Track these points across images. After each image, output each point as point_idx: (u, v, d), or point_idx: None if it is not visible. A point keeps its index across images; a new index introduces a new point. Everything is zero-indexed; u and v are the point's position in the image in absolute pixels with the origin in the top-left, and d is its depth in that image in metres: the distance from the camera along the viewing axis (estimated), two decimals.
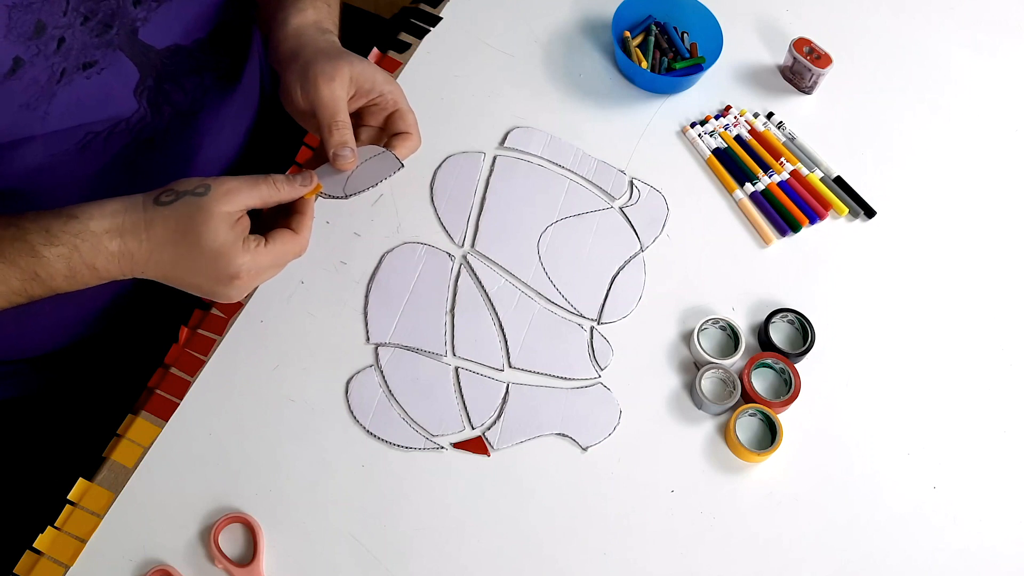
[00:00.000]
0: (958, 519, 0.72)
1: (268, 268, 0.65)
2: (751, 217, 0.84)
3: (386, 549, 0.69)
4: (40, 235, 0.60)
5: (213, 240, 0.61)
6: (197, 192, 0.62)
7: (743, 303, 0.80)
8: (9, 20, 0.58)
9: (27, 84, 0.61)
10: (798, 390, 0.74)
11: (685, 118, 0.90)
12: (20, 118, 0.63)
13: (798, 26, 0.96)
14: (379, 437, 0.73)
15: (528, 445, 0.73)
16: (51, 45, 0.62)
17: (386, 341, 0.76)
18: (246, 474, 0.71)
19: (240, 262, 0.62)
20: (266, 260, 0.64)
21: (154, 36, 0.70)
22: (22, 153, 0.65)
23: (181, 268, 0.63)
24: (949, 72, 0.94)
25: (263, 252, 0.64)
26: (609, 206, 0.84)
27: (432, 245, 0.81)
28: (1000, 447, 0.75)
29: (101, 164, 0.71)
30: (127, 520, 0.69)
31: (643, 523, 0.71)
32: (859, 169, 0.87)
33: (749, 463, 0.73)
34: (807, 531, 0.71)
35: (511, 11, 0.95)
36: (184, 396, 0.73)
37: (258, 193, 0.64)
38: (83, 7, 0.63)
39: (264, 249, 0.64)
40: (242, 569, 0.67)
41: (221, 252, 0.62)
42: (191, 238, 0.61)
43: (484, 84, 0.90)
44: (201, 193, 0.62)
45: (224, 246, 0.61)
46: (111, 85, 0.68)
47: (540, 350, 0.77)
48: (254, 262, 0.63)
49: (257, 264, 0.63)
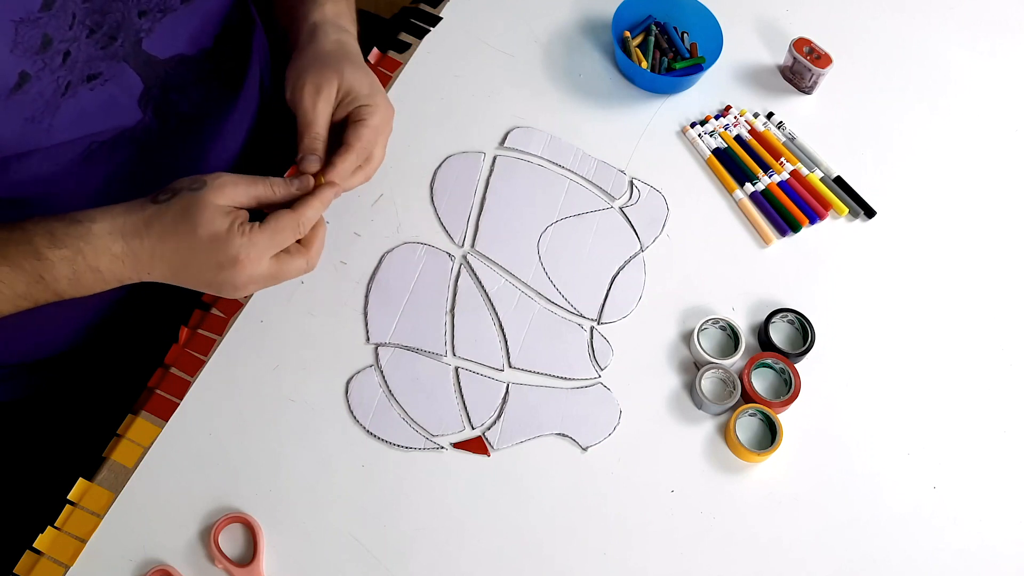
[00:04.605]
0: (958, 519, 0.72)
1: (266, 250, 0.64)
2: (751, 217, 0.84)
3: (386, 549, 0.69)
4: (44, 238, 0.61)
5: (208, 227, 0.62)
6: (193, 188, 0.63)
7: (743, 303, 0.80)
8: (16, 35, 0.58)
9: (33, 98, 0.62)
10: (798, 390, 0.74)
11: (685, 118, 0.90)
12: (25, 131, 0.63)
13: (798, 26, 0.96)
14: (379, 437, 0.73)
15: (528, 445, 0.73)
16: (57, 59, 0.62)
17: (386, 341, 0.76)
18: (246, 474, 0.71)
19: (237, 243, 0.62)
20: (262, 238, 0.63)
21: (158, 47, 0.70)
22: (27, 164, 0.66)
23: (183, 261, 0.63)
24: (949, 72, 0.94)
25: (258, 232, 0.63)
26: (609, 206, 0.84)
27: (432, 245, 0.81)
28: (1000, 447, 0.75)
29: (105, 173, 0.71)
30: (127, 520, 0.69)
31: (643, 523, 0.71)
32: (859, 169, 0.87)
33: (749, 463, 0.73)
34: (807, 531, 0.71)
35: (511, 11, 0.95)
36: (184, 396, 0.73)
37: (253, 190, 0.64)
38: (89, 20, 0.63)
39: (259, 230, 0.63)
40: (242, 569, 0.67)
41: (217, 237, 0.62)
42: (188, 228, 0.62)
43: (484, 84, 0.90)
44: (197, 188, 0.63)
45: (219, 232, 0.62)
46: (115, 96, 0.68)
47: (540, 350, 0.77)
48: (252, 242, 0.63)
49: (255, 244, 0.63)
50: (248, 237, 0.63)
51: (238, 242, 0.62)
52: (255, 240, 0.63)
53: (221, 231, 0.62)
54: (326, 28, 0.74)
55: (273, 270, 0.65)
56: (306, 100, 0.69)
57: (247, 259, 0.63)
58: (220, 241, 0.62)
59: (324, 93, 0.69)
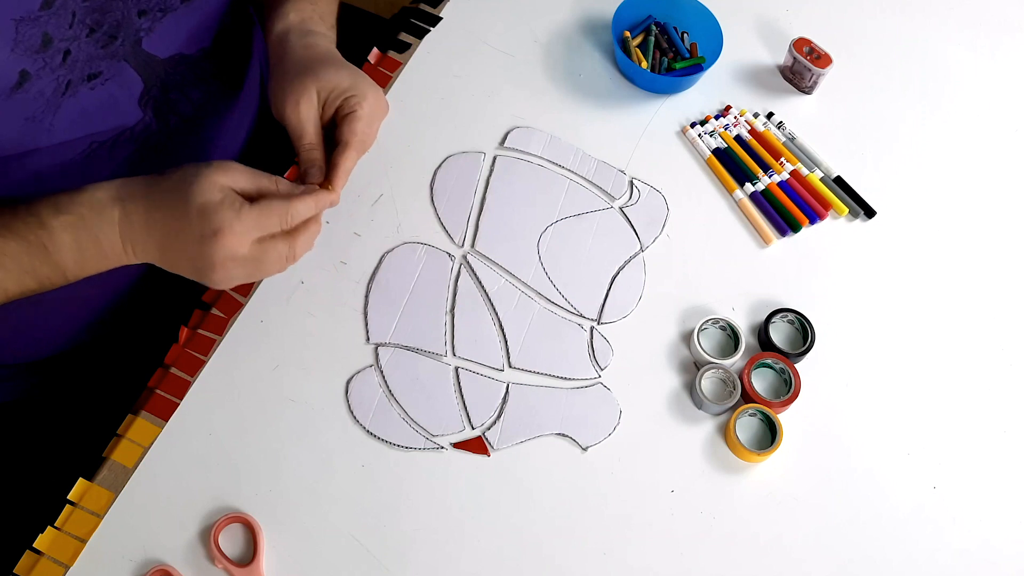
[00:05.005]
0: (958, 519, 0.72)
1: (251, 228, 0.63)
2: (751, 217, 0.84)
3: (386, 549, 0.69)
4: (49, 208, 0.62)
5: (200, 196, 0.62)
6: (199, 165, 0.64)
7: (743, 303, 0.80)
8: (16, 34, 0.58)
9: (33, 97, 0.62)
10: (798, 390, 0.74)
11: (685, 118, 0.90)
12: (26, 130, 0.63)
13: (798, 26, 0.96)
14: (379, 437, 0.73)
15: (528, 445, 0.73)
16: (57, 58, 0.62)
17: (386, 341, 0.76)
18: (246, 474, 0.71)
19: (223, 215, 0.61)
20: (249, 216, 0.62)
21: (158, 46, 0.70)
22: (27, 164, 0.66)
23: (171, 231, 0.63)
24: (949, 72, 0.94)
25: (246, 210, 0.62)
26: (609, 206, 0.84)
27: (432, 245, 0.81)
28: (1000, 447, 0.75)
29: (106, 173, 0.71)
30: (127, 520, 0.69)
31: (643, 523, 0.71)
32: (859, 169, 0.87)
33: (749, 463, 0.73)
34: (807, 531, 0.71)
35: (511, 11, 0.95)
36: (184, 396, 0.73)
37: (257, 180, 0.65)
38: (89, 19, 0.63)
39: (248, 209, 0.62)
40: (242, 569, 0.67)
41: (206, 207, 0.62)
42: (181, 196, 0.62)
43: (484, 84, 0.90)
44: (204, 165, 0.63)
45: (209, 202, 0.62)
46: (116, 96, 0.68)
47: (540, 350, 0.77)
48: (236, 217, 0.62)
49: (240, 220, 0.62)
50: (235, 212, 0.62)
51: (224, 214, 0.62)
52: (242, 216, 0.62)
53: (211, 202, 0.62)
54: (291, 37, 0.74)
55: (255, 252, 0.64)
56: (290, 114, 0.70)
57: (230, 232, 0.61)
58: (208, 211, 0.61)
59: (304, 102, 0.70)
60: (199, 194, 0.62)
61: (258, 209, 0.63)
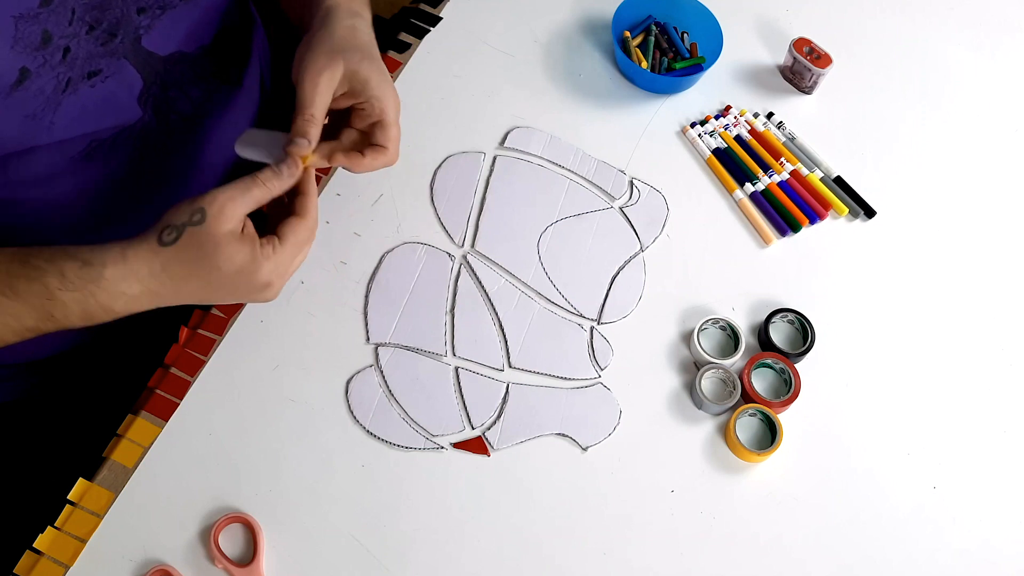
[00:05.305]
0: (958, 519, 0.72)
1: (293, 259, 0.65)
2: (751, 217, 0.84)
3: (386, 549, 0.69)
4: (56, 278, 0.60)
5: (230, 263, 0.61)
6: (194, 221, 0.60)
7: (743, 303, 0.80)
8: (16, 31, 0.58)
9: (33, 94, 0.61)
10: (798, 390, 0.74)
11: (685, 118, 0.90)
12: (26, 128, 0.63)
13: (798, 26, 0.96)
14: (379, 437, 0.73)
15: (528, 445, 0.73)
16: (57, 55, 0.62)
17: (386, 341, 0.76)
18: (246, 474, 0.71)
19: (265, 270, 0.62)
20: (287, 256, 0.64)
21: (157, 43, 0.70)
22: (28, 162, 0.66)
23: (212, 291, 0.63)
24: (949, 72, 0.94)
25: (281, 251, 0.63)
26: (609, 206, 0.84)
27: (432, 245, 0.81)
28: (1000, 447, 0.75)
29: (106, 171, 0.71)
30: (127, 520, 0.69)
31: (643, 523, 0.71)
32: (859, 169, 0.87)
33: (749, 463, 0.73)
34: (807, 531, 0.71)
35: (511, 11, 0.95)
36: (184, 396, 0.73)
37: (251, 197, 0.63)
38: (88, 16, 0.63)
39: (281, 248, 0.64)
40: (242, 569, 0.67)
41: (242, 271, 0.62)
42: (208, 266, 0.61)
43: (484, 84, 0.90)
44: (198, 221, 0.60)
45: (244, 265, 0.61)
46: (116, 93, 0.68)
47: (540, 350, 0.77)
48: (278, 263, 0.63)
49: (281, 263, 0.64)
50: (273, 260, 0.63)
51: (266, 268, 0.62)
52: (280, 260, 0.63)
53: (246, 263, 0.61)
54: (339, 13, 0.72)
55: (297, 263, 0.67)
56: (307, 81, 0.67)
57: (280, 278, 0.64)
58: (247, 272, 0.62)
59: (326, 76, 0.67)
60: (227, 262, 0.61)
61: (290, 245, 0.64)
